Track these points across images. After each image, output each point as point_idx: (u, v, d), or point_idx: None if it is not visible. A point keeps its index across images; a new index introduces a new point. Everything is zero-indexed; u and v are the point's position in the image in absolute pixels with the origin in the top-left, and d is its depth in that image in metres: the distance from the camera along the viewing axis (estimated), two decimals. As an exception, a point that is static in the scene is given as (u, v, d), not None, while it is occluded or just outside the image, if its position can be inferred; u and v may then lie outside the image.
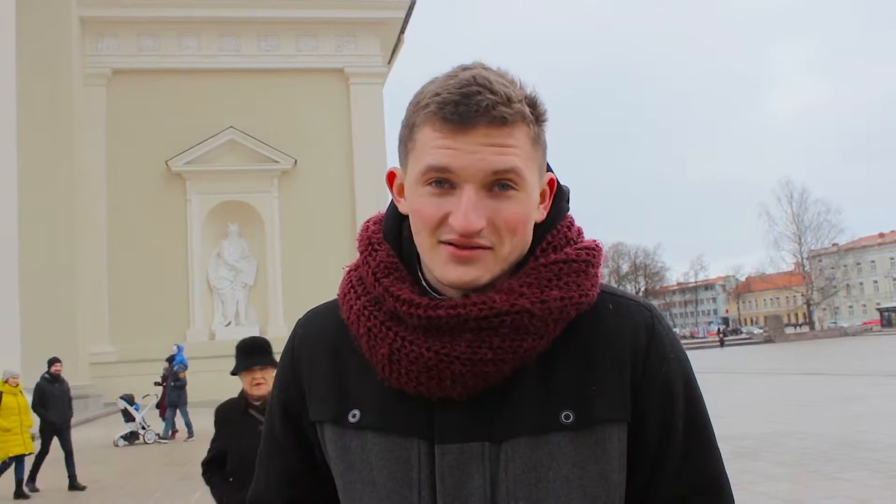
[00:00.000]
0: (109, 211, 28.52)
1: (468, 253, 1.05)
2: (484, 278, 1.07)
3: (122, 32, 29.56)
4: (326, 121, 30.40)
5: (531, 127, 1.09)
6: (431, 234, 1.07)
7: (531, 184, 1.09)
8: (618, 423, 1.11)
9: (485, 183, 1.05)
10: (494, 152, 1.04)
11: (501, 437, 1.09)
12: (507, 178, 1.05)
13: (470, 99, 1.03)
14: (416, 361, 1.07)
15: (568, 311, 1.10)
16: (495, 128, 1.04)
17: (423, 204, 1.07)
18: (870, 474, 8.88)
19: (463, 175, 1.04)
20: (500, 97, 1.04)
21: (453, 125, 1.04)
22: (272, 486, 1.29)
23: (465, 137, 1.04)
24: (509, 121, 1.04)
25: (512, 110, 1.05)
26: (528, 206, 1.09)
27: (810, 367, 30.86)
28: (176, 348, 19.53)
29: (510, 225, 1.06)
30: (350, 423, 1.15)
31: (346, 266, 1.24)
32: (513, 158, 1.05)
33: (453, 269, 1.06)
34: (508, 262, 1.10)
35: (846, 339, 63.24)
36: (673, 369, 1.15)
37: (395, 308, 1.10)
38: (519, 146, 1.06)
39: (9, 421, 10.43)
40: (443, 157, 1.04)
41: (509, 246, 1.07)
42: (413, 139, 1.09)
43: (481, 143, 1.04)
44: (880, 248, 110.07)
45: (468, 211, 1.03)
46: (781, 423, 13.78)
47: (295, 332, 1.28)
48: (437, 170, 1.05)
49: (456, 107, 1.03)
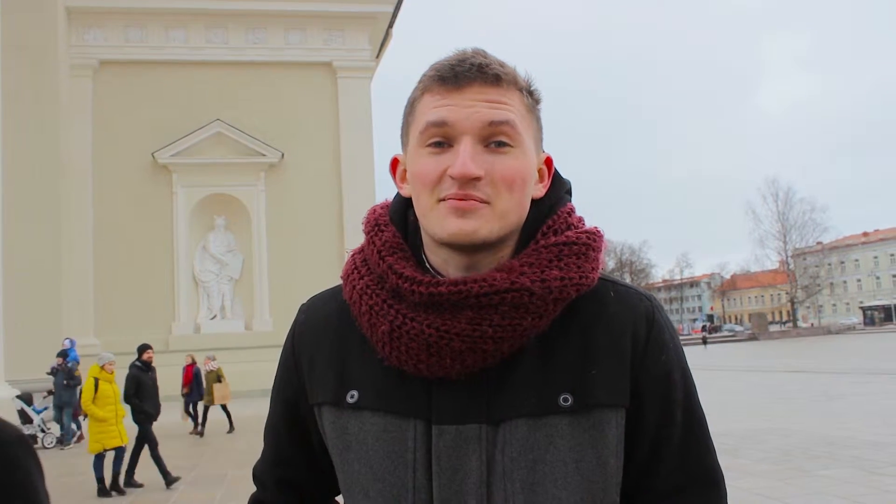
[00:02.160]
0: (95, 203, 28.35)
1: (466, 203, 1.07)
2: (482, 230, 1.08)
3: (108, 23, 29.36)
4: (314, 114, 30.31)
5: (524, 94, 1.13)
6: (431, 192, 1.09)
7: (527, 145, 1.12)
8: (616, 409, 1.12)
9: (482, 135, 1.08)
10: (489, 106, 1.08)
11: (499, 418, 1.10)
12: (503, 131, 1.09)
13: (464, 61, 1.09)
14: (417, 338, 1.08)
15: (568, 290, 1.11)
16: (489, 86, 1.09)
17: (424, 164, 1.10)
18: (851, 471, 8.95)
19: (459, 127, 1.08)
20: (493, 61, 1.11)
21: (449, 84, 1.09)
22: (268, 463, 1.33)
23: (460, 94, 1.09)
24: (503, 80, 1.10)
25: (505, 71, 1.11)
26: (525, 164, 1.11)
27: (793, 364, 31.04)
28: (68, 342, 17.94)
29: (507, 178, 1.08)
30: (348, 404, 1.16)
31: (350, 249, 1.26)
32: (507, 112, 1.09)
33: (453, 221, 1.08)
34: (507, 222, 1.10)
35: (829, 338, 63.61)
36: (672, 359, 1.17)
37: (398, 285, 1.11)
38: (513, 105, 1.11)
39: (105, 411, 9.80)
40: (440, 112, 1.09)
41: (506, 201, 1.09)
42: (413, 112, 1.14)
43: (476, 98, 1.09)
44: (864, 247, 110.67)
45: (465, 158, 1.06)
46: (764, 420, 13.87)
47: (297, 317, 1.30)
48: (435, 124, 1.09)
49: (451, 68, 1.09)
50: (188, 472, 10.16)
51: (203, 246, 29.63)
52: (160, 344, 27.06)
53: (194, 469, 10.03)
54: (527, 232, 1.16)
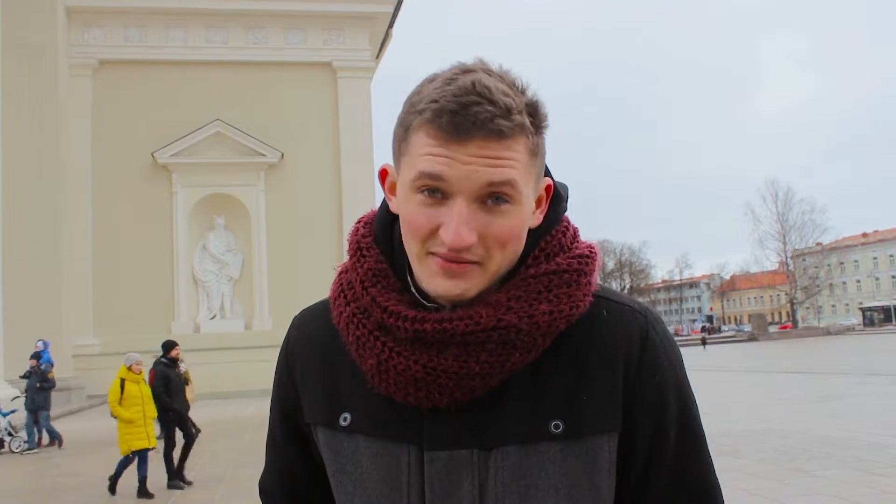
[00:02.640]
0: (94, 202, 28.36)
1: (456, 267, 1.03)
2: (472, 292, 1.05)
3: (108, 23, 29.37)
4: (314, 114, 30.32)
5: (530, 138, 1.05)
6: (421, 244, 1.05)
7: (526, 196, 1.06)
8: (608, 434, 1.10)
9: (478, 195, 1.02)
10: (490, 164, 1.00)
11: (491, 444, 1.08)
12: (502, 191, 1.02)
13: (468, 109, 0.99)
14: (404, 373, 1.07)
15: (557, 324, 1.08)
16: (493, 140, 1.00)
17: (415, 213, 1.04)
18: (850, 472, 8.95)
19: (456, 186, 1.01)
20: (500, 108, 1.00)
21: (448, 135, 1.00)
22: (273, 476, 1.32)
23: (460, 148, 1.00)
24: (507, 134, 1.01)
25: (511, 123, 1.01)
26: (522, 220, 1.06)
27: (792, 365, 31.05)
28: (41, 344, 17.05)
29: (501, 240, 1.04)
30: (341, 427, 1.15)
31: (337, 266, 1.23)
32: (509, 171, 1.02)
33: (441, 281, 1.04)
34: (497, 275, 1.08)
35: (829, 338, 63.63)
36: (666, 378, 1.14)
37: (383, 320, 1.09)
38: (516, 158, 1.03)
39: (132, 412, 9.59)
40: (436, 166, 1.01)
41: (499, 260, 1.05)
42: (408, 142, 1.06)
43: (477, 154, 1.00)
44: (863, 247, 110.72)
45: (459, 225, 1.00)
46: (763, 421, 13.87)
47: (289, 332, 1.28)
48: (430, 177, 1.01)
49: (452, 116, 0.99)
50: (187, 472, 10.16)
51: (203, 245, 29.63)
52: (159, 344, 27.08)
53: (193, 469, 10.03)
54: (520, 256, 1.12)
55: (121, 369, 9.90)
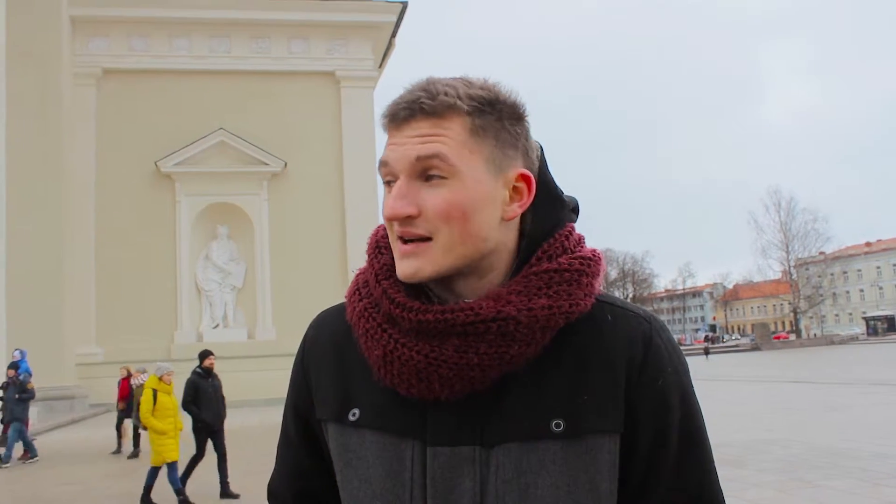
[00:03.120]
0: (98, 211, 28.41)
1: (409, 247, 1.11)
2: (425, 270, 1.10)
3: (112, 32, 29.48)
4: (317, 124, 30.38)
5: (471, 117, 1.10)
6: (392, 230, 1.13)
7: (465, 173, 1.09)
8: (609, 435, 1.11)
9: (412, 171, 1.10)
10: (418, 142, 1.10)
11: (492, 441, 1.10)
12: (432, 164, 1.09)
13: (402, 98, 1.12)
14: (407, 364, 1.10)
15: (556, 319, 1.10)
16: (423, 120, 1.10)
17: (383, 202, 1.14)
18: (855, 482, 8.92)
19: (397, 166, 1.11)
20: (430, 94, 1.11)
21: (392, 124, 1.13)
22: (284, 478, 1.34)
23: (398, 133, 1.12)
24: (435, 111, 1.10)
25: (435, 102, 1.10)
26: (461, 195, 1.09)
27: (796, 375, 30.98)
28: (18, 354, 16.48)
29: (440, 211, 1.08)
30: (350, 422, 1.18)
31: (356, 269, 1.28)
32: (436, 146, 1.09)
33: (399, 263, 1.12)
34: (458, 255, 1.10)
35: (833, 348, 63.51)
36: (669, 382, 1.15)
37: (391, 310, 1.13)
38: (447, 135, 1.10)
39: (165, 423, 9.45)
40: (385, 153, 1.13)
41: (447, 235, 1.09)
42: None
43: (410, 135, 1.10)
44: (867, 256, 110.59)
45: (393, 197, 1.10)
46: (766, 431, 13.84)
47: (307, 333, 1.32)
48: (382, 164, 1.13)
49: (392, 108, 1.13)
50: (191, 481, 10.13)
51: (206, 255, 29.66)
52: (163, 353, 27.09)
53: (194, 479, 10.00)
54: (523, 255, 1.16)
55: (151, 379, 9.75)
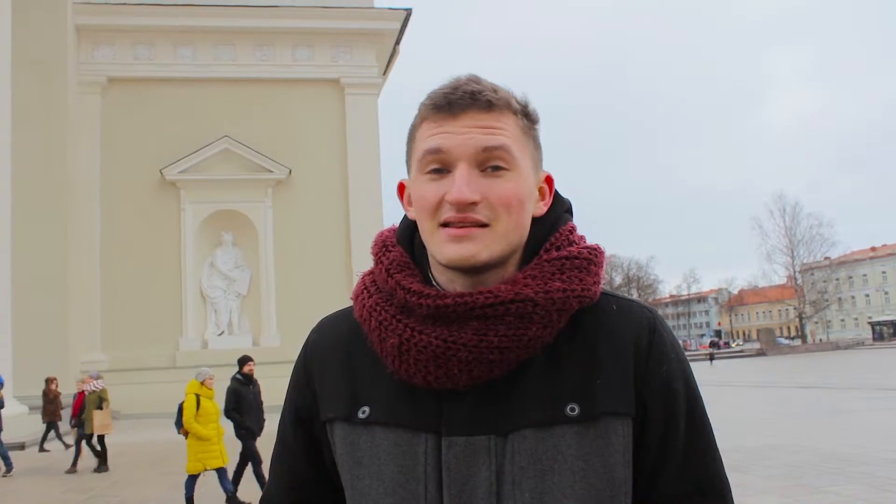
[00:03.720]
0: (103, 219, 28.44)
1: (464, 230, 1.10)
2: (482, 255, 1.11)
3: (117, 40, 29.55)
4: (321, 131, 30.41)
5: (519, 117, 1.17)
6: (432, 217, 1.13)
7: (523, 167, 1.15)
8: (622, 418, 1.14)
9: (476, 160, 1.12)
10: (483, 132, 1.12)
11: (507, 429, 1.12)
12: (497, 155, 1.12)
13: (457, 89, 1.13)
14: (425, 350, 1.11)
15: (570, 302, 1.14)
16: (483, 112, 1.13)
17: (424, 190, 1.14)
18: (861, 488, 8.90)
19: (455, 154, 1.11)
20: (486, 87, 1.14)
21: (444, 113, 1.13)
22: (281, 488, 1.33)
23: (455, 122, 1.12)
24: (496, 105, 1.13)
25: (497, 96, 1.14)
26: (521, 187, 1.14)
27: (802, 380, 30.90)
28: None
29: (504, 200, 1.11)
30: (359, 420, 1.18)
31: (360, 271, 1.30)
32: (501, 138, 1.13)
33: (452, 246, 1.11)
34: (507, 243, 1.14)
35: (838, 353, 63.36)
36: (674, 369, 1.18)
37: (406, 299, 1.15)
38: (507, 130, 1.14)
39: (208, 429, 9.35)
40: (436, 140, 1.13)
41: (505, 223, 1.12)
42: (413, 140, 1.19)
43: (470, 125, 1.12)
44: (872, 261, 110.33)
45: (461, 184, 1.10)
46: (772, 437, 13.80)
47: (309, 337, 1.32)
48: (431, 152, 1.13)
49: (445, 97, 1.13)
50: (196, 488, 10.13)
51: (210, 262, 29.68)
52: (167, 360, 27.14)
53: (201, 486, 10.00)
54: (530, 249, 1.20)
55: (192, 384, 9.60)
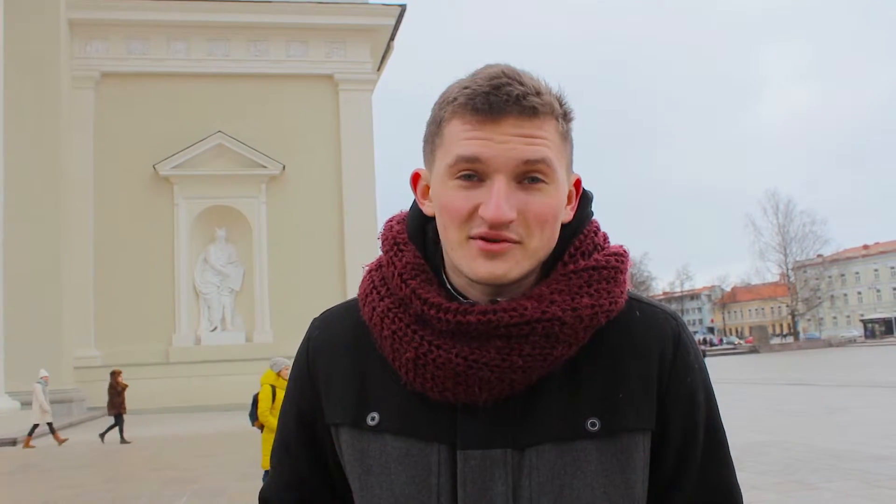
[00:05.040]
0: (96, 214, 28.39)
1: (498, 247, 1.03)
2: (513, 273, 1.05)
3: (110, 35, 29.48)
4: (315, 127, 30.38)
5: (560, 121, 1.08)
6: (460, 228, 1.05)
7: (560, 179, 1.07)
8: (643, 432, 1.10)
9: (515, 174, 1.03)
10: (525, 142, 1.03)
11: (525, 443, 1.07)
12: (538, 169, 1.03)
13: (500, 90, 1.02)
14: (444, 367, 1.05)
15: (598, 318, 1.08)
16: (525, 118, 1.03)
17: (453, 197, 1.05)
18: (854, 484, 8.92)
19: (493, 165, 1.02)
20: (530, 88, 1.04)
21: (483, 115, 1.02)
22: (281, 487, 1.27)
23: (495, 127, 1.02)
24: (539, 112, 1.04)
25: (542, 101, 1.04)
26: (558, 201, 1.07)
27: (794, 377, 30.98)
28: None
29: (540, 218, 1.04)
30: (368, 426, 1.13)
31: (366, 265, 1.23)
32: (544, 150, 1.04)
33: (483, 263, 1.04)
34: (537, 259, 1.08)
35: (830, 350, 63.56)
36: (696, 380, 1.15)
37: (423, 311, 1.08)
38: (549, 139, 1.05)
39: None
40: (473, 147, 1.02)
41: (538, 240, 1.05)
42: (441, 134, 1.08)
43: (512, 133, 1.02)
44: (864, 259, 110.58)
45: (500, 201, 1.01)
46: (766, 433, 13.82)
47: (310, 332, 1.26)
48: (467, 160, 1.03)
49: (486, 97, 1.02)
50: (187, 485, 10.14)
51: (204, 258, 29.64)
52: (160, 356, 27.11)
53: (193, 482, 10.00)
54: (554, 254, 1.12)
55: (267, 374, 9.37)
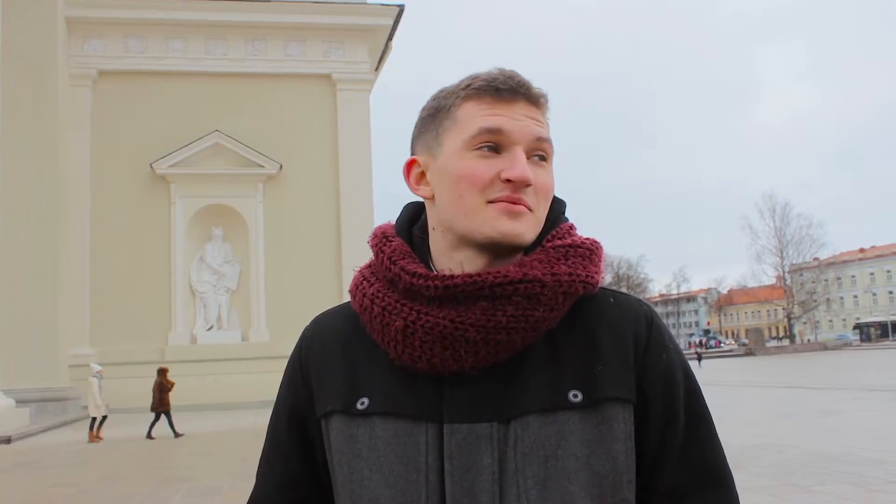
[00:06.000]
0: (93, 212, 28.34)
1: (519, 207, 1.14)
2: (528, 235, 1.15)
3: (108, 33, 29.43)
4: (313, 126, 30.36)
5: (547, 116, 1.22)
6: (481, 192, 1.14)
7: (552, 162, 1.21)
8: (623, 404, 1.15)
9: (529, 148, 1.16)
10: (535, 123, 1.17)
11: (510, 416, 1.12)
12: (544, 147, 1.17)
13: (512, 78, 1.17)
14: (432, 331, 1.11)
15: (576, 286, 1.15)
16: (532, 104, 1.18)
17: (474, 166, 1.15)
18: (849, 488, 8.93)
19: (513, 137, 1.14)
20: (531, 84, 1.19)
21: (500, 97, 1.16)
22: (272, 489, 1.30)
23: (510, 108, 1.16)
24: (542, 101, 1.19)
25: (543, 93, 1.20)
26: (553, 180, 1.20)
27: (790, 380, 31.03)
28: None
29: (546, 190, 1.17)
30: (358, 411, 1.17)
31: (356, 266, 1.29)
32: (547, 131, 1.19)
33: (506, 221, 1.13)
34: (538, 232, 1.18)
35: (826, 353, 63.67)
36: (673, 359, 1.21)
37: (412, 283, 1.15)
38: (546, 125, 1.20)
39: None
40: (496, 121, 1.15)
41: (542, 211, 1.18)
42: (452, 117, 1.18)
43: (524, 114, 1.16)
44: (860, 263, 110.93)
45: (525, 165, 1.13)
46: (761, 436, 13.84)
47: (305, 332, 1.32)
48: (490, 131, 1.14)
49: (506, 83, 1.16)
50: (183, 484, 10.13)
51: (200, 256, 29.60)
52: (156, 354, 27.04)
53: (189, 481, 9.99)
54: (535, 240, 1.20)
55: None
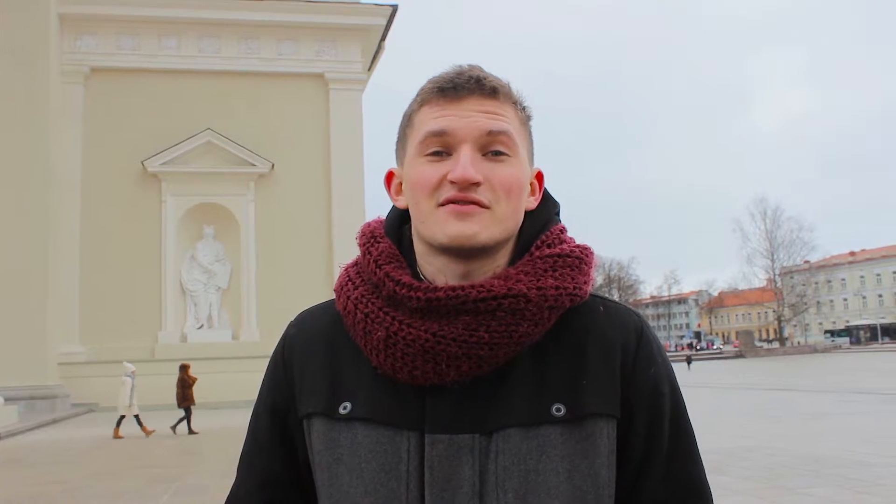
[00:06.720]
0: (83, 209, 28.25)
1: (467, 208, 1.09)
2: (482, 235, 1.10)
3: (101, 30, 29.35)
4: (305, 125, 30.33)
5: (518, 109, 1.17)
6: (430, 197, 1.11)
7: (522, 157, 1.15)
8: (607, 419, 1.13)
9: (480, 144, 1.12)
10: (487, 117, 1.12)
11: (492, 428, 1.10)
12: (500, 140, 1.12)
13: (462, 75, 1.14)
14: (413, 344, 1.09)
15: (562, 299, 1.12)
16: (486, 98, 1.13)
17: (422, 171, 1.12)
18: (836, 490, 8.96)
19: (458, 136, 1.11)
20: (489, 75, 1.16)
21: (448, 96, 1.13)
22: (252, 487, 1.26)
23: (459, 105, 1.13)
24: (499, 92, 1.14)
25: (501, 84, 1.15)
26: (521, 173, 1.14)
27: (779, 382, 31.11)
28: None
29: (505, 185, 1.11)
30: (340, 416, 1.15)
31: (342, 264, 1.27)
32: (505, 124, 1.13)
33: (454, 223, 1.09)
34: (505, 228, 1.13)
35: (816, 356, 63.89)
36: (660, 373, 1.18)
37: (395, 292, 1.12)
38: (509, 118, 1.14)
39: None
40: (440, 122, 1.12)
41: (505, 207, 1.12)
42: (411, 125, 1.17)
43: (475, 109, 1.12)
44: (850, 266, 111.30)
45: (465, 163, 1.09)
46: (749, 438, 13.87)
47: (287, 332, 1.29)
48: (434, 134, 1.12)
49: (451, 81, 1.13)
50: (171, 482, 10.10)
51: (191, 255, 29.55)
52: (146, 353, 26.98)
53: (177, 480, 9.96)
54: (521, 244, 1.19)
55: None
